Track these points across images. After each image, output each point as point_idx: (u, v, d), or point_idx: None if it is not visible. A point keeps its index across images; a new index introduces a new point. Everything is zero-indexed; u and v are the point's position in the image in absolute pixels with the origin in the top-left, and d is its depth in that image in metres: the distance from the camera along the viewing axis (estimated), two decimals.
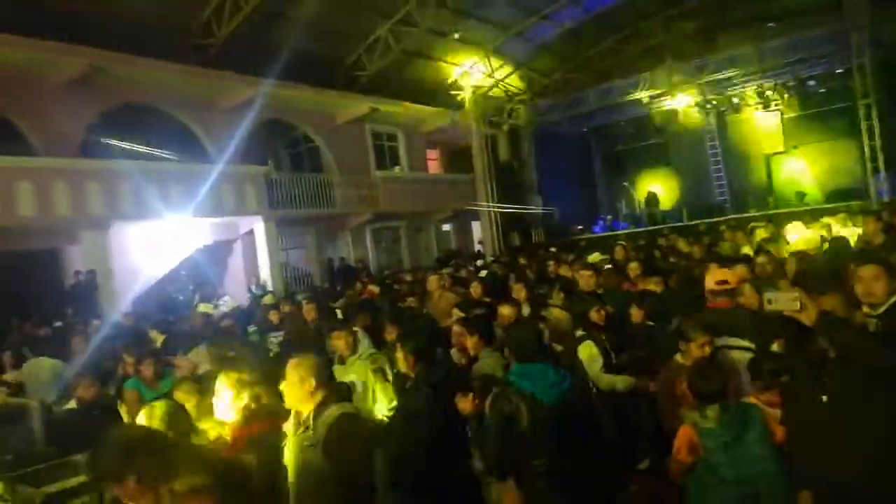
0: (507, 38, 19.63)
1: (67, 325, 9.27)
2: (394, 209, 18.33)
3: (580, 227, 23.69)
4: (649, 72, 20.31)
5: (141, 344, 6.44)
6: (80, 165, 11.98)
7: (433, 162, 23.20)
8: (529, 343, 3.51)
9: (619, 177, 26.52)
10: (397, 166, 19.86)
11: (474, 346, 4.50)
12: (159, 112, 14.24)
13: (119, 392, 5.05)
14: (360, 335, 5.30)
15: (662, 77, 20.19)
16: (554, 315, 5.56)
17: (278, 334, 7.27)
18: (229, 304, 12.70)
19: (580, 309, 5.37)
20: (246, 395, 3.17)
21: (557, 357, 4.00)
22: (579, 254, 12.13)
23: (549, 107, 22.97)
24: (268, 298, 10.63)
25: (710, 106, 22.67)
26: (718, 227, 14.69)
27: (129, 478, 2.20)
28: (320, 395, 3.00)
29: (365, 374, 4.64)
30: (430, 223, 20.56)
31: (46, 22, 10.99)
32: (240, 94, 14.65)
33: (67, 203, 11.42)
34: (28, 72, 11.55)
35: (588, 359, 4.68)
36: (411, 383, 4.11)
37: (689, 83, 20.37)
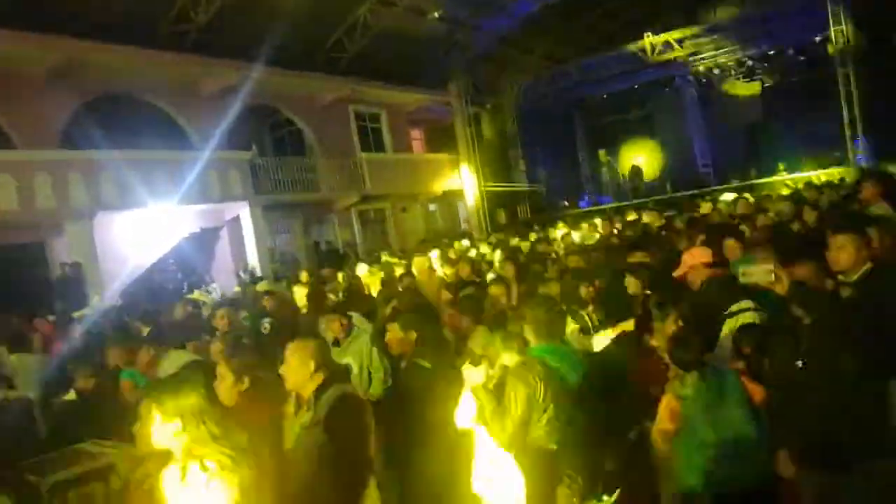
0: (489, 14, 19.50)
1: (58, 318, 9.25)
2: (379, 191, 18.33)
3: (566, 203, 23.82)
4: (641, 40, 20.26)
5: (128, 336, 6.47)
6: (61, 157, 11.87)
7: (417, 142, 23.15)
8: (551, 322, 3.55)
9: (603, 151, 26.61)
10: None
11: (466, 325, 4.61)
12: (140, 101, 14.10)
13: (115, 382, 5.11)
14: (356, 318, 5.38)
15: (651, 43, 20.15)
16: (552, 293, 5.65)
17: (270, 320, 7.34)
18: (218, 291, 12.72)
19: (568, 288, 5.46)
20: (247, 380, 3.26)
21: None
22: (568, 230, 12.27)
23: (532, 83, 22.94)
24: (262, 285, 10.66)
25: (691, 77, 22.77)
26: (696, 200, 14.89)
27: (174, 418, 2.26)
28: (320, 377, 3.08)
29: (360, 356, 4.73)
30: (416, 204, 20.59)
31: (22, 13, 10.81)
32: (220, 80, 14.53)
33: (50, 195, 11.35)
34: (5, 65, 11.37)
35: (570, 333, 4.76)
36: (407, 361, 4.17)
37: (671, 53, 20.42)
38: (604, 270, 5.97)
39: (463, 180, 21.04)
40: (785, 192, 11.31)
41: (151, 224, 13.09)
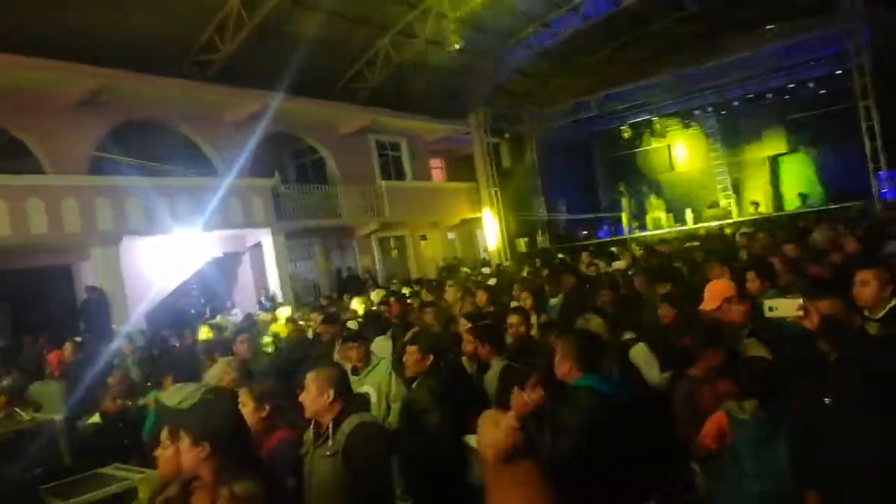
0: (508, 47, 19.78)
1: (83, 341, 9.39)
2: (399, 218, 18.47)
3: (585, 233, 23.76)
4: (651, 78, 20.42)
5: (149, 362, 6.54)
6: (88, 182, 12.17)
7: (437, 171, 23.35)
8: (593, 351, 3.51)
9: (621, 181, 26.56)
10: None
11: (485, 354, 4.59)
12: (166, 128, 14.43)
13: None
14: (376, 344, 5.39)
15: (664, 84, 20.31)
16: (593, 324, 5.57)
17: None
18: (239, 316, 12.82)
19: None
20: (267, 406, 3.28)
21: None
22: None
23: (551, 114, 23.09)
24: (285, 311, 10.73)
25: (710, 109, 22.78)
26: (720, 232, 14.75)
27: (202, 444, 2.16)
28: (339, 406, 3.08)
29: (379, 385, 4.73)
30: (435, 231, 20.68)
31: (54, 42, 11.19)
32: (244, 109, 14.84)
33: (77, 220, 11.61)
34: (36, 91, 11.75)
35: (644, 360, 4.64)
36: (419, 381, 4.12)
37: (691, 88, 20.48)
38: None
39: (482, 209, 21.14)
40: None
41: (175, 249, 13.30)
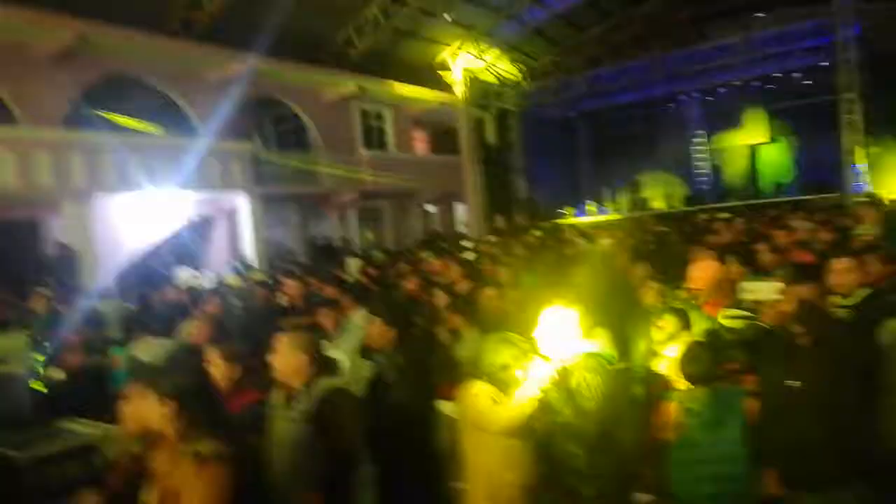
0: (499, 21, 19.55)
1: (52, 296, 9.20)
2: (379, 188, 18.32)
3: (564, 212, 23.84)
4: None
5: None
6: (63, 136, 11.83)
7: (420, 142, 23.14)
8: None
9: (603, 163, 26.66)
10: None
11: (459, 324, 4.60)
12: (145, 85, 14.05)
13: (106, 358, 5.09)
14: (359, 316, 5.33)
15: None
16: None
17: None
18: (211, 279, 12.66)
19: None
20: (237, 367, 3.24)
21: None
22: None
23: (537, 91, 22.98)
24: (255, 275, 10.64)
25: (695, 94, 22.86)
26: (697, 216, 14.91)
27: (168, 401, 2.12)
28: (311, 370, 3.06)
29: (352, 352, 4.69)
30: (414, 204, 20.58)
31: None
32: (227, 69, 14.47)
33: (49, 174, 11.32)
34: (12, 42, 11.31)
35: None
36: (385, 353, 4.01)
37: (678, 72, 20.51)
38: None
39: (463, 183, 21.05)
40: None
41: (149, 209, 13.05)
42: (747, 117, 23.29)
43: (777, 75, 20.86)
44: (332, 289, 6.72)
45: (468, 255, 10.87)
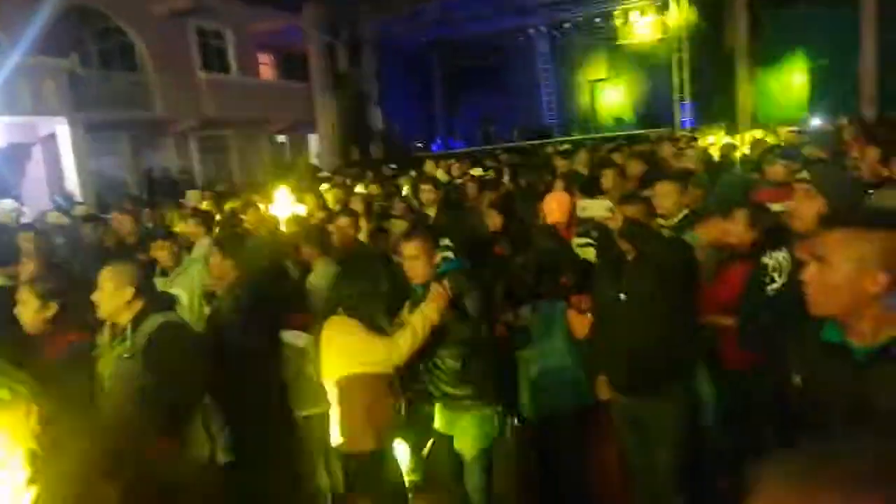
0: None
1: None
2: (222, 116, 17.12)
3: (419, 145, 23.83)
4: None
5: None
6: None
7: (266, 67, 21.79)
8: None
9: (457, 95, 26.81)
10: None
11: (310, 255, 4.48)
12: None
13: None
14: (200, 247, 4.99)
15: None
16: (396, 227, 5.65)
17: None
18: (25, 214, 11.31)
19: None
20: (53, 305, 2.93)
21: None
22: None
23: (391, 19, 22.30)
24: (80, 210, 9.64)
25: (544, 28, 23.44)
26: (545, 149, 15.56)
27: None
28: (139, 304, 2.84)
29: (191, 287, 4.41)
30: (263, 134, 19.53)
31: None
32: None
33: None
34: None
35: None
36: (226, 288, 3.77)
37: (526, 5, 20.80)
38: None
39: (315, 113, 20.22)
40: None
41: None
42: (591, 55, 24.36)
43: (617, 12, 21.85)
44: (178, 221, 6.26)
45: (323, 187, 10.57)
